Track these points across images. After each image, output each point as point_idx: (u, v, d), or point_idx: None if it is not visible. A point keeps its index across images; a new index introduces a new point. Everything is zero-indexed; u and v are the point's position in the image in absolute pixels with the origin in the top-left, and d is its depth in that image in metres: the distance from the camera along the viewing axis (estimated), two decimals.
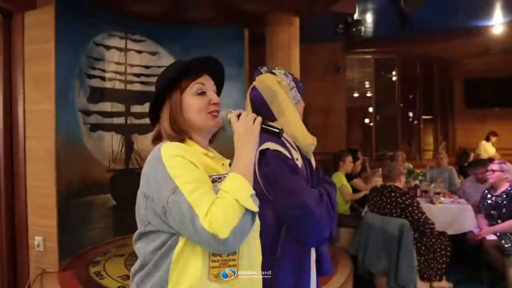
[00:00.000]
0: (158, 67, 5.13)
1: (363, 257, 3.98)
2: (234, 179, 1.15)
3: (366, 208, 4.58)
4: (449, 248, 3.95)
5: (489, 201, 4.19)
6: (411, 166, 6.56)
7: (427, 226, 3.76)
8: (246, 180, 1.16)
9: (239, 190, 1.13)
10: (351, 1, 4.89)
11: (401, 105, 8.30)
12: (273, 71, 1.98)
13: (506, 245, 3.83)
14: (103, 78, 4.65)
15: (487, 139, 8.44)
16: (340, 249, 4.44)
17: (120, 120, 4.87)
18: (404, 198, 3.81)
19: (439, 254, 3.90)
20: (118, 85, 4.83)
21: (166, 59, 5.17)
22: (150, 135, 4.64)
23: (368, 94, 8.17)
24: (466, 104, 9.68)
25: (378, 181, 5.43)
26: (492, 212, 4.13)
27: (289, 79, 1.96)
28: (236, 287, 1.21)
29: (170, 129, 1.28)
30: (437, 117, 8.98)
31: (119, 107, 4.85)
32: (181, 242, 1.16)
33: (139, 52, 5.02)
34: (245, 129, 1.23)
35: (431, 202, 4.50)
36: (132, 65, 4.96)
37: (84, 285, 3.33)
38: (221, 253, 1.17)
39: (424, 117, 8.78)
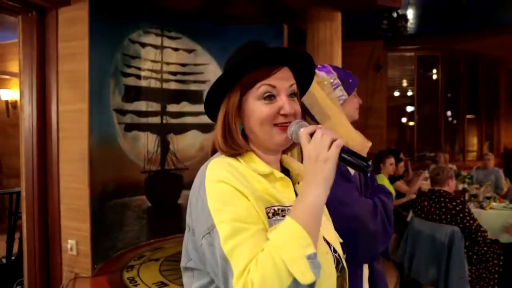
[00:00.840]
0: (195, 65, 5.00)
1: (409, 266, 3.79)
2: (286, 228, 0.84)
3: (411, 214, 4.31)
4: (501, 257, 3.66)
5: None
6: (455, 167, 6.20)
7: (479, 234, 3.53)
8: (305, 231, 0.82)
9: (290, 246, 0.81)
10: None
11: (444, 104, 7.90)
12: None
13: None
14: (138, 77, 4.53)
15: None
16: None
17: (155, 120, 4.74)
18: (454, 203, 3.56)
19: (491, 263, 3.63)
20: (154, 84, 4.70)
21: (203, 57, 5.03)
22: (186, 135, 4.49)
23: (409, 93, 7.83)
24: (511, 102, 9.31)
25: (422, 183, 5.13)
26: None
27: (333, 77, 1.76)
28: None
29: (223, 141, 0.99)
30: (481, 116, 8.57)
31: (155, 106, 4.72)
32: None
33: (176, 49, 4.89)
34: (317, 155, 0.88)
35: (481, 207, 4.19)
36: (168, 63, 4.83)
37: None
38: None
39: (467, 116, 8.39)
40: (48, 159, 3.68)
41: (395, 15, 4.73)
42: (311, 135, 0.90)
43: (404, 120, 8.12)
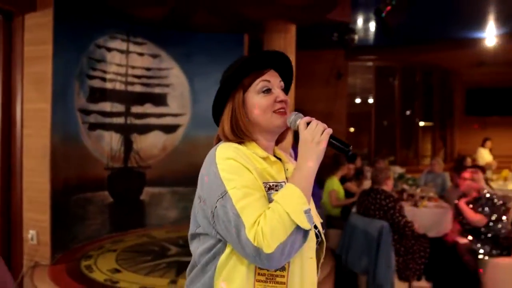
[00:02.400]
0: (159, 69, 5.29)
1: (346, 257, 4.13)
2: (288, 190, 1.08)
3: (353, 210, 4.71)
4: (428, 250, 4.03)
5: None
6: (403, 171, 6.64)
7: (406, 228, 3.90)
8: (302, 193, 1.07)
9: (292, 203, 1.04)
10: (346, 9, 4.98)
11: (400, 111, 8.36)
12: None
13: (475, 248, 3.97)
14: (103, 79, 4.80)
15: (483, 145, 8.57)
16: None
17: (119, 120, 5.01)
18: (387, 200, 3.95)
19: (417, 255, 4.00)
20: (119, 86, 4.97)
21: (167, 62, 5.33)
22: (149, 135, 4.81)
23: (370, 100, 8.25)
24: (466, 112, 9.87)
25: (367, 184, 5.53)
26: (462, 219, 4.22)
27: None
28: None
29: (230, 132, 1.21)
30: (436, 124, 9.06)
31: (119, 107, 4.99)
32: (228, 249, 1.12)
33: (141, 54, 5.17)
34: (312, 138, 1.13)
35: (415, 205, 4.62)
36: (133, 67, 5.11)
37: (73, 278, 3.46)
38: (267, 268, 1.08)
39: (423, 123, 8.87)
40: (12, 154, 3.90)
41: (343, 28, 5.11)
42: (308, 123, 1.16)
43: (368, 126, 8.49)
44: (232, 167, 1.10)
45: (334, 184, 5.29)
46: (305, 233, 1.05)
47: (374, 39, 7.13)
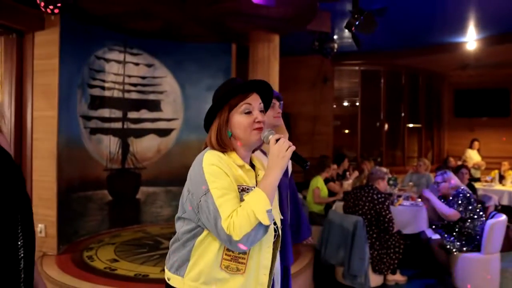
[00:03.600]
0: (154, 77, 5.75)
1: (324, 250, 4.50)
2: (256, 193, 1.38)
3: (334, 206, 5.13)
4: (402, 246, 4.37)
5: None
6: (387, 171, 7.02)
7: (390, 224, 4.27)
8: (266, 197, 1.37)
9: (258, 204, 1.34)
10: (325, 20, 5.42)
11: (386, 114, 8.72)
12: None
13: (447, 245, 4.31)
14: (102, 88, 5.26)
15: (471, 147, 8.88)
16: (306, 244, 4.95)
17: (117, 125, 5.47)
18: (379, 196, 4.35)
19: (392, 250, 4.34)
20: (117, 94, 5.44)
21: (161, 71, 5.78)
22: (145, 138, 5.31)
23: (357, 103, 8.63)
24: (455, 113, 10.19)
25: (348, 184, 5.94)
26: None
27: None
28: (241, 280, 1.45)
29: (216, 143, 1.49)
30: (423, 125, 9.40)
31: (117, 113, 5.45)
32: (204, 233, 1.43)
33: (136, 64, 5.63)
34: (278, 153, 1.42)
35: (392, 203, 4.99)
36: (129, 76, 5.57)
37: (77, 266, 3.91)
38: (233, 250, 1.41)
39: (410, 125, 9.19)
40: (23, 156, 4.39)
41: (323, 37, 5.54)
42: (277, 140, 1.45)
43: (355, 128, 8.86)
44: (215, 172, 1.39)
45: (318, 182, 5.71)
46: (266, 227, 1.36)
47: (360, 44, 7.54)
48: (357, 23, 4.17)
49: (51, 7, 3.39)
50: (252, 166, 1.60)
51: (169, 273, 1.53)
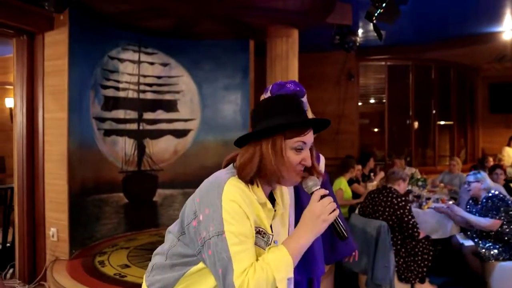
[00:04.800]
0: (169, 77, 5.63)
1: None
2: (282, 256, 1.19)
3: (356, 211, 4.83)
4: (431, 253, 4.04)
5: (473, 210, 4.28)
6: (417, 171, 6.69)
7: (415, 230, 3.92)
8: (292, 262, 1.19)
9: (281, 270, 1.16)
10: (346, 12, 5.13)
11: (415, 111, 8.34)
12: (264, 92, 2.25)
13: (482, 252, 3.97)
14: (117, 88, 5.17)
15: (509, 144, 8.40)
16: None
17: (133, 126, 5.36)
18: (399, 199, 3.97)
19: (420, 257, 4.01)
20: (132, 94, 5.33)
21: (177, 70, 5.65)
22: (161, 140, 5.16)
23: (384, 100, 8.28)
24: (490, 109, 9.66)
25: (373, 185, 5.64)
26: None
27: (267, 95, 2.30)
28: None
29: (255, 172, 1.26)
30: (454, 123, 8.95)
31: (132, 114, 5.35)
32: (199, 265, 1.26)
33: (152, 63, 5.51)
34: (320, 214, 1.22)
35: (420, 206, 4.68)
36: (144, 76, 5.46)
37: (87, 272, 3.81)
38: None
39: (441, 122, 8.76)
40: (35, 159, 4.32)
41: (345, 31, 5.26)
42: (322, 197, 1.25)
43: (382, 126, 8.50)
44: (235, 212, 1.18)
45: (341, 184, 5.45)
46: None
47: (385, 38, 7.19)
48: (378, 12, 3.86)
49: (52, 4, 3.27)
50: (271, 197, 1.39)
51: None
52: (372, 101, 8.43)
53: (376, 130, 8.53)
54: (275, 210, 1.37)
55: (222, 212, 1.17)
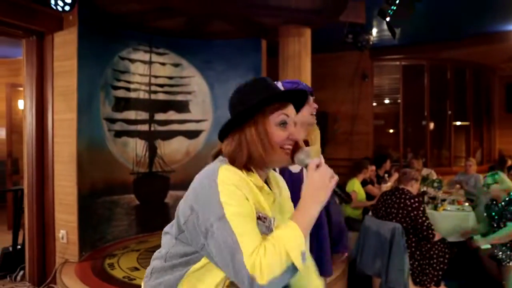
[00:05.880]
0: (181, 77, 5.57)
1: (360, 259, 4.13)
2: (292, 231, 1.11)
3: (370, 212, 4.72)
4: (447, 256, 3.92)
5: (493, 213, 4.14)
6: (433, 172, 6.54)
7: (430, 231, 3.80)
8: (303, 236, 1.11)
9: (293, 244, 1.08)
10: (360, 10, 5.03)
11: (430, 111, 8.18)
12: None
13: (499, 255, 3.84)
14: (128, 89, 5.12)
15: None
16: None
17: (144, 127, 5.31)
18: (412, 201, 3.85)
19: (435, 260, 3.89)
20: (143, 95, 5.29)
21: (188, 70, 5.59)
22: (173, 141, 5.09)
23: (399, 101, 8.14)
24: (507, 109, 9.46)
25: (387, 187, 5.52)
26: (494, 222, 4.11)
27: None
28: None
29: (245, 156, 1.21)
30: (470, 123, 8.76)
31: (143, 115, 5.30)
32: (202, 262, 1.19)
33: (163, 64, 5.46)
34: (321, 183, 1.16)
35: (435, 208, 4.55)
36: (156, 76, 5.41)
37: (95, 275, 3.75)
38: None
39: (457, 123, 8.59)
40: (45, 160, 4.29)
41: (358, 29, 5.16)
42: (317, 166, 1.18)
43: (397, 126, 8.38)
44: (234, 194, 1.12)
45: (355, 185, 5.34)
46: (295, 271, 1.09)
47: (400, 37, 7.06)
48: (391, 9, 3.76)
49: (61, 3, 3.24)
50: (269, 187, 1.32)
51: None
52: (386, 101, 8.30)
53: (391, 131, 8.39)
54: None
55: (220, 196, 1.11)
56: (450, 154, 8.34)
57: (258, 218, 1.17)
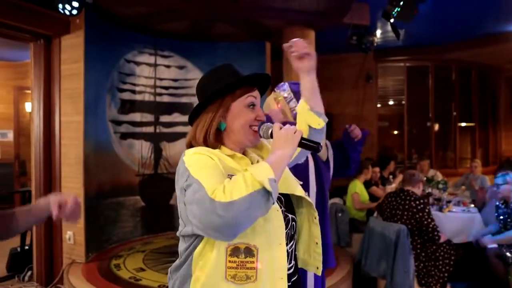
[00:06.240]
0: (186, 80, 5.61)
1: (365, 261, 4.14)
2: (259, 164, 1.16)
3: (375, 213, 4.73)
4: (453, 257, 3.92)
5: (502, 213, 4.14)
6: (438, 173, 6.54)
7: (435, 233, 3.81)
8: (271, 168, 1.12)
9: (259, 170, 1.11)
10: (364, 12, 5.05)
11: (435, 112, 8.17)
12: (274, 89, 2.34)
13: (507, 254, 3.83)
14: (133, 91, 5.18)
15: None
16: (342, 251, 4.62)
17: (149, 129, 5.36)
18: (417, 202, 3.87)
19: (441, 262, 3.90)
20: (148, 97, 5.34)
21: (193, 72, 5.63)
22: (178, 143, 5.13)
23: (403, 102, 8.14)
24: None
25: (391, 188, 5.52)
26: (502, 222, 4.11)
27: (287, 92, 2.30)
28: None
29: (207, 137, 1.31)
30: (476, 124, 8.73)
31: (149, 117, 5.35)
32: (202, 243, 1.23)
33: (168, 66, 5.51)
34: (286, 136, 1.23)
35: (440, 210, 4.55)
36: (161, 79, 5.46)
37: (102, 275, 3.80)
38: (220, 232, 1.09)
39: (462, 124, 8.57)
40: (52, 162, 4.35)
41: (362, 31, 5.18)
42: (281, 128, 1.26)
43: (401, 128, 8.37)
44: (198, 159, 1.20)
45: (357, 187, 5.34)
46: (268, 197, 1.08)
47: (404, 39, 7.06)
48: (395, 11, 3.78)
49: (68, 8, 3.29)
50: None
51: None
52: (391, 103, 8.30)
53: (396, 132, 8.39)
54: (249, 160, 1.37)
55: (186, 163, 1.19)
56: (455, 156, 8.31)
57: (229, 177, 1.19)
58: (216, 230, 1.09)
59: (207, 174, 1.14)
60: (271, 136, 1.29)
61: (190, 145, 1.36)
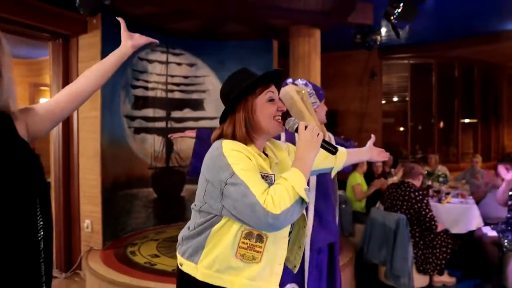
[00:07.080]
0: (196, 77, 5.83)
1: (367, 249, 4.35)
2: (294, 172, 1.36)
3: (378, 204, 4.94)
4: (450, 246, 4.14)
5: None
6: (445, 168, 6.71)
7: (432, 223, 4.04)
8: (304, 176, 1.36)
9: (297, 181, 1.33)
10: (367, 11, 5.24)
11: (438, 109, 8.32)
12: (295, 82, 2.45)
13: (505, 243, 4.01)
14: (146, 88, 5.41)
15: None
16: (345, 240, 4.82)
17: (161, 124, 5.59)
18: (417, 194, 4.10)
19: (438, 250, 4.12)
20: (160, 94, 5.56)
21: (203, 70, 5.85)
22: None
23: (407, 98, 8.30)
24: None
25: (393, 180, 5.71)
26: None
27: (309, 88, 2.44)
28: (255, 270, 1.44)
29: (240, 134, 1.48)
30: (478, 121, 8.88)
31: (161, 113, 5.58)
32: (222, 221, 1.41)
33: (179, 64, 5.73)
34: (311, 137, 1.44)
35: (439, 201, 4.75)
36: (172, 76, 5.68)
37: (119, 261, 4.03)
38: (266, 230, 1.38)
39: (465, 120, 8.72)
40: (70, 155, 4.59)
41: (366, 29, 5.36)
42: (305, 127, 1.48)
43: (405, 124, 8.52)
44: (238, 156, 1.38)
45: (357, 179, 5.53)
46: (302, 205, 1.35)
47: (408, 36, 7.20)
48: (396, 12, 3.97)
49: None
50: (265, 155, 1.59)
51: (182, 259, 1.53)
52: (395, 99, 8.46)
53: (400, 129, 8.55)
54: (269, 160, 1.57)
55: (227, 160, 1.36)
56: (458, 151, 8.47)
57: (262, 176, 1.40)
58: (262, 229, 1.38)
59: (252, 178, 1.34)
60: (296, 131, 1.52)
61: (218, 137, 1.53)
